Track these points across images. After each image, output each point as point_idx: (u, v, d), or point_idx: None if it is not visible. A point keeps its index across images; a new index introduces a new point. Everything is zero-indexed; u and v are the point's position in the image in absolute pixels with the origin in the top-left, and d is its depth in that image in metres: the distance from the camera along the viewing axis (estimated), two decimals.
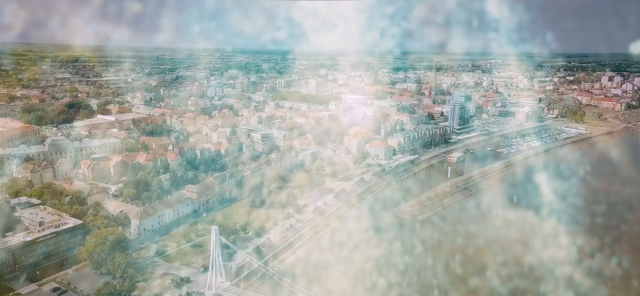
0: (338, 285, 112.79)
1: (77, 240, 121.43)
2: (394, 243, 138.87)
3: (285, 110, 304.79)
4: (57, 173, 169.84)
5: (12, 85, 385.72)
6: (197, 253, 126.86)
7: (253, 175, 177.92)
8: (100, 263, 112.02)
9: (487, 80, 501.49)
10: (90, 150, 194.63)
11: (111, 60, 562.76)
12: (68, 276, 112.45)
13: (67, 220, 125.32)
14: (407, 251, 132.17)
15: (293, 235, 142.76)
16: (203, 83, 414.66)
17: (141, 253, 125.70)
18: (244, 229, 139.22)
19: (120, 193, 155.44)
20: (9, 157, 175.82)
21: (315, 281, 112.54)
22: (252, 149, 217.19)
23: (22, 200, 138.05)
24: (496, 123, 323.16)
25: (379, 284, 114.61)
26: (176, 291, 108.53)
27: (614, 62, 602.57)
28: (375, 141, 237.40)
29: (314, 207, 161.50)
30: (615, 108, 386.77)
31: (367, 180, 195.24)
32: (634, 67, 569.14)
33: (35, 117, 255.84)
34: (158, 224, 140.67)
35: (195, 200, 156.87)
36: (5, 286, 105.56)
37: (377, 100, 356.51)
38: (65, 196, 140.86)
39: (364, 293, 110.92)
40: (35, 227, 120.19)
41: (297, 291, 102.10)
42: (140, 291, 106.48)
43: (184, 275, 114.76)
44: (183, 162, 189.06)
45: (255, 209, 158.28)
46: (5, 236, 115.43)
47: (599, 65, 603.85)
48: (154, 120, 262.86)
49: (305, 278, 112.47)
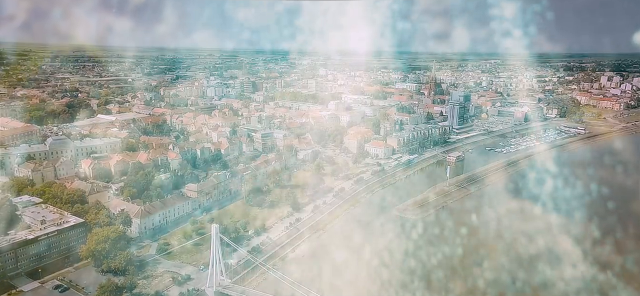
0: (337, 282, 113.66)
1: (79, 238, 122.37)
2: (392, 241, 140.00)
3: (285, 109, 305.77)
4: (58, 172, 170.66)
5: (12, 84, 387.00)
6: (198, 251, 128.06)
7: (253, 174, 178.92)
8: (101, 261, 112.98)
9: (487, 80, 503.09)
10: (90, 149, 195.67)
11: (111, 60, 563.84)
12: (70, 274, 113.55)
13: (68, 218, 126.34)
14: (405, 250, 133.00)
15: (293, 233, 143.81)
16: (203, 83, 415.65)
17: (142, 252, 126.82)
18: (244, 227, 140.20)
19: (121, 192, 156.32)
20: (10, 155, 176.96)
21: (315, 278, 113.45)
22: (252, 148, 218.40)
23: (23, 198, 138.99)
24: (495, 122, 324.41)
25: (378, 280, 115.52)
26: (177, 289, 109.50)
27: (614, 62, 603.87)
28: (374, 140, 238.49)
29: (314, 206, 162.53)
30: (614, 108, 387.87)
31: (367, 179, 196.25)
32: (633, 67, 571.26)
33: (35, 117, 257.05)
34: (159, 222, 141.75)
35: (196, 199, 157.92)
36: (8, 284, 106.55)
37: (376, 100, 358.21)
38: (67, 195, 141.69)
39: (363, 289, 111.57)
40: (37, 225, 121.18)
41: (297, 288, 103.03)
42: (141, 289, 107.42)
43: (185, 273, 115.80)
44: (183, 161, 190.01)
45: (255, 208, 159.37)
46: (8, 234, 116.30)
47: (599, 65, 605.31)
48: (154, 119, 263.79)
49: (305, 275, 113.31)
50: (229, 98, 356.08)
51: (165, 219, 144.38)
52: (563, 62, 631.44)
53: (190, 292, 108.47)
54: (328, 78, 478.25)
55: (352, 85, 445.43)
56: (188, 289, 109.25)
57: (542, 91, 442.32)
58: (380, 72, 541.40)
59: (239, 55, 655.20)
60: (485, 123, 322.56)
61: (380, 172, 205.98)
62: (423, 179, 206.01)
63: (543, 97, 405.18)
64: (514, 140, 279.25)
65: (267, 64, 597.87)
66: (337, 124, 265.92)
